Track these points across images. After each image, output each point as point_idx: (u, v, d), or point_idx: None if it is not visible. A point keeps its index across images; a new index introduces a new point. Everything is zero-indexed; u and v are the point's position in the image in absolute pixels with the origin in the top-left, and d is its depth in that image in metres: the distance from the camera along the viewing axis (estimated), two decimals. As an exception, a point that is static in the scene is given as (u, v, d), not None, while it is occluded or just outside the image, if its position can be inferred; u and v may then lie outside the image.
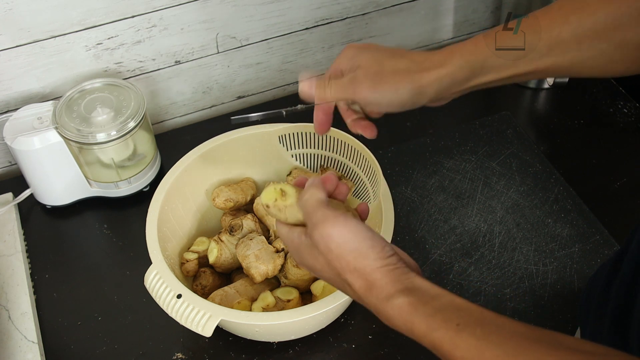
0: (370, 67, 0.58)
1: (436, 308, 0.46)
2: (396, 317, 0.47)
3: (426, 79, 0.57)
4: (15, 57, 0.88)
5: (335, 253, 0.50)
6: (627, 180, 0.93)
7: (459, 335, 0.44)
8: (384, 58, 0.58)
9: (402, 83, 0.57)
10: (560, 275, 0.82)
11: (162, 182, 0.77)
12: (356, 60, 0.60)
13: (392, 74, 0.57)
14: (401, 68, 0.57)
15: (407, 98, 0.57)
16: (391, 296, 0.48)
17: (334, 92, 0.61)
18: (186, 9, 0.93)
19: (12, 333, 0.77)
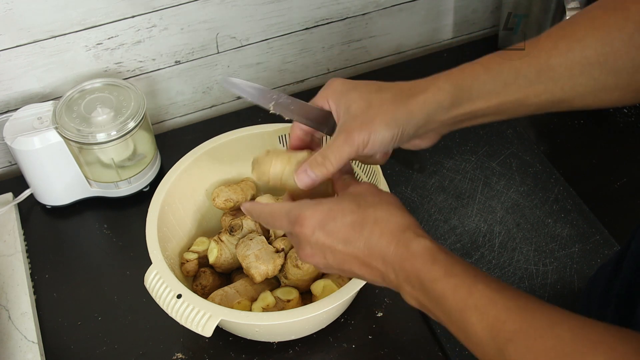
0: (358, 112, 0.56)
1: (455, 259, 0.49)
2: (417, 255, 0.49)
3: (413, 104, 0.55)
4: (15, 57, 0.88)
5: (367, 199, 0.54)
6: (627, 180, 0.93)
7: (475, 284, 0.45)
8: (371, 94, 0.57)
9: (390, 114, 0.55)
10: (560, 276, 0.82)
11: (162, 182, 0.77)
12: (344, 100, 0.58)
13: (379, 108, 0.56)
14: (388, 98, 0.56)
15: (396, 130, 0.56)
16: (418, 236, 0.50)
17: (336, 158, 0.57)
18: (186, 9, 0.93)
19: (12, 333, 0.77)
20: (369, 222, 0.52)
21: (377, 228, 0.51)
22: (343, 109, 0.57)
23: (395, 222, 0.51)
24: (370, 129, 0.55)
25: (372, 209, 0.52)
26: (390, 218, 0.52)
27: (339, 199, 0.55)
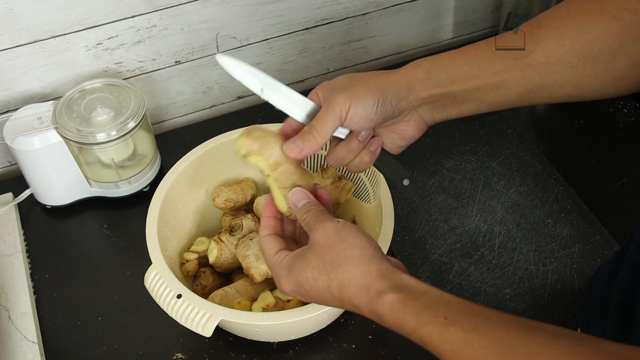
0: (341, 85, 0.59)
1: (425, 304, 0.47)
2: (386, 314, 0.49)
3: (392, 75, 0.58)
4: (15, 57, 0.88)
5: (330, 243, 0.53)
6: (627, 180, 0.93)
7: (447, 328, 0.45)
8: (354, 75, 0.60)
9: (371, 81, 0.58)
10: (560, 275, 0.82)
11: (162, 182, 0.77)
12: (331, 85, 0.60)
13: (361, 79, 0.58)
14: (369, 75, 0.59)
15: (378, 95, 0.57)
16: (381, 293, 0.49)
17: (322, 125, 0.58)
18: (186, 9, 0.93)
19: (12, 333, 0.77)
20: (334, 288, 0.52)
21: (344, 293, 0.52)
22: (329, 90, 0.59)
23: (357, 284, 0.51)
24: (351, 95, 0.57)
25: (332, 273, 0.52)
26: (351, 281, 0.51)
27: (302, 264, 0.54)
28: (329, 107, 0.57)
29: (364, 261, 0.51)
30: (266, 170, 0.60)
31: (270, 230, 0.60)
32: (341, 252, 0.52)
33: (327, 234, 0.54)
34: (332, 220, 0.55)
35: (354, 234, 0.53)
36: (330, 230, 0.54)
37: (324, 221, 0.55)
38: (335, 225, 0.54)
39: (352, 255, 0.52)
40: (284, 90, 0.61)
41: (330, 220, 0.55)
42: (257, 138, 0.60)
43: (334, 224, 0.54)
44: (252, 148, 0.59)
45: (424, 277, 0.82)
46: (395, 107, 0.58)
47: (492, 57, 0.56)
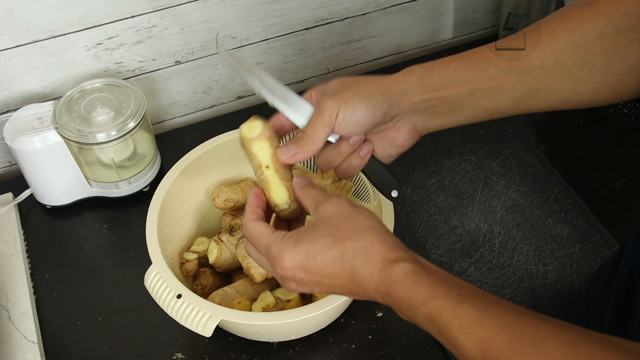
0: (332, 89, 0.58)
1: (438, 279, 0.48)
2: (399, 282, 0.49)
3: (385, 81, 0.58)
4: (15, 57, 0.88)
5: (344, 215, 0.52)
6: (627, 180, 0.93)
7: (459, 305, 0.45)
8: (347, 80, 0.59)
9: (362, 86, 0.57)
10: (560, 275, 0.82)
11: (162, 182, 0.77)
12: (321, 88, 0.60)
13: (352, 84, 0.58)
14: (361, 79, 0.58)
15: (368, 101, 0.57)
16: (395, 261, 0.49)
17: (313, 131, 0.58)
18: (186, 9, 0.93)
19: (12, 333, 0.77)
20: (348, 256, 0.51)
21: (357, 261, 0.51)
22: (321, 93, 0.59)
23: (375, 251, 0.51)
24: (339, 99, 0.56)
25: (349, 241, 0.51)
26: (368, 248, 0.51)
27: (313, 233, 0.53)
28: (319, 113, 0.57)
29: (380, 231, 0.52)
30: (267, 161, 0.59)
31: (259, 216, 0.59)
32: (359, 221, 0.52)
33: (342, 207, 0.53)
34: (339, 197, 0.55)
35: (367, 211, 0.54)
36: (344, 203, 0.54)
37: (330, 197, 0.55)
38: (348, 201, 0.54)
39: (369, 225, 0.52)
40: (279, 89, 0.61)
41: (337, 196, 0.55)
42: (268, 127, 0.60)
43: (345, 200, 0.54)
44: (264, 132, 0.59)
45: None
46: (386, 112, 0.57)
47: (487, 61, 0.56)
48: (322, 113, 0.57)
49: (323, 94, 0.58)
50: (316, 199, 0.56)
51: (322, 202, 0.55)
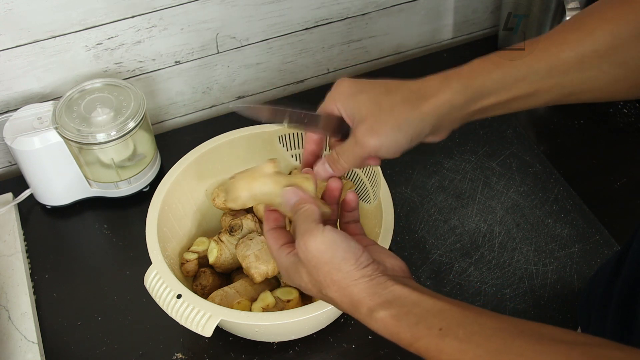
0: (368, 114, 0.56)
1: (418, 316, 0.47)
2: (381, 330, 0.49)
3: (426, 107, 0.55)
4: (15, 57, 0.88)
5: (313, 264, 0.51)
6: (627, 180, 0.93)
7: (443, 340, 0.45)
8: (380, 96, 0.57)
9: (402, 118, 0.55)
10: (560, 275, 0.82)
11: (162, 182, 0.77)
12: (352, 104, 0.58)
13: (390, 112, 0.56)
14: (398, 101, 0.56)
15: (410, 132, 0.56)
16: (373, 310, 0.49)
17: (348, 160, 0.59)
18: (186, 9, 0.93)
19: (12, 333, 0.77)
20: (329, 301, 0.53)
21: (339, 306, 0.52)
22: (352, 112, 0.57)
23: (348, 303, 0.51)
24: (381, 134, 0.55)
25: (324, 290, 0.52)
26: (342, 299, 0.51)
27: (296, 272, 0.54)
28: (357, 144, 0.56)
29: (350, 284, 0.50)
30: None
31: (272, 224, 0.59)
32: (327, 274, 0.51)
33: (310, 253, 0.51)
34: (313, 235, 0.51)
35: (340, 255, 0.51)
36: (312, 249, 0.51)
37: (304, 235, 0.52)
38: (316, 244, 0.51)
39: (338, 279, 0.50)
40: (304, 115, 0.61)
41: (310, 235, 0.51)
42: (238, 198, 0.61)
43: (315, 242, 0.51)
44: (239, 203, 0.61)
45: (424, 277, 0.82)
46: (427, 134, 0.57)
47: (527, 68, 0.55)
48: (362, 144, 0.56)
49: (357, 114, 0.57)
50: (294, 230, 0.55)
51: (296, 238, 0.53)
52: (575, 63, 0.54)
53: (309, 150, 0.63)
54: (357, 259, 0.51)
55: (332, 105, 0.59)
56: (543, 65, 0.54)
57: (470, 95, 0.55)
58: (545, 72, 0.54)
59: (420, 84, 0.57)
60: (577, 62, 0.54)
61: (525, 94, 0.56)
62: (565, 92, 0.56)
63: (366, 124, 0.56)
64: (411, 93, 0.56)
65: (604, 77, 0.54)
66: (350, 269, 0.50)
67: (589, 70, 0.54)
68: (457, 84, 0.55)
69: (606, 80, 0.54)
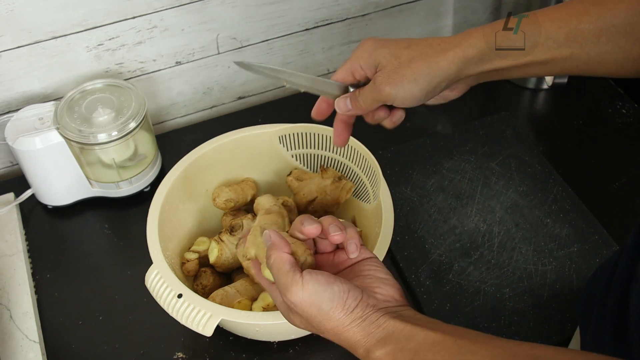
0: (387, 64, 0.58)
1: (413, 351, 0.47)
2: None
3: (442, 60, 0.57)
4: (16, 58, 0.88)
5: (304, 316, 0.51)
6: (626, 180, 0.93)
7: None
8: (400, 50, 0.58)
9: (419, 70, 0.57)
10: (559, 275, 0.82)
11: (162, 182, 0.78)
12: (374, 57, 0.59)
13: (408, 64, 0.57)
14: (417, 55, 0.57)
15: (426, 85, 0.57)
16: (369, 351, 0.49)
17: (365, 102, 0.60)
18: (187, 10, 0.93)
19: (13, 332, 0.77)
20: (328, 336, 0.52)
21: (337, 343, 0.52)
22: (373, 64, 0.59)
23: (346, 346, 0.51)
24: (398, 84, 0.57)
25: (320, 331, 0.52)
26: (340, 342, 0.51)
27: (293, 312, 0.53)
28: (375, 90, 0.58)
29: (343, 330, 0.50)
30: None
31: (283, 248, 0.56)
32: (320, 324, 0.51)
33: (298, 307, 0.51)
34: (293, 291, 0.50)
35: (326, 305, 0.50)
36: (298, 304, 0.51)
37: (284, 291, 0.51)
38: (301, 299, 0.50)
39: (331, 327, 0.50)
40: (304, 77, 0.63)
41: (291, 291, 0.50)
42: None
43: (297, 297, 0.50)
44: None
45: (424, 277, 0.82)
46: (443, 88, 0.59)
47: (546, 34, 0.55)
48: (379, 91, 0.58)
49: (377, 66, 0.59)
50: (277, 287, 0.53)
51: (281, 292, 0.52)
52: (593, 36, 0.54)
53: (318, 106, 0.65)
54: (344, 303, 0.50)
55: (355, 64, 0.61)
56: (562, 33, 0.55)
57: (488, 52, 0.57)
58: (562, 40, 0.55)
59: (441, 39, 0.58)
60: (595, 35, 0.54)
61: (541, 60, 0.56)
62: (579, 63, 0.56)
63: (385, 72, 0.58)
64: (430, 47, 0.57)
65: (619, 53, 0.55)
66: (340, 316, 0.50)
67: (605, 45, 0.54)
68: (476, 40, 0.57)
69: (622, 57, 0.55)
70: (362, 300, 0.51)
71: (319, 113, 0.66)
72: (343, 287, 0.51)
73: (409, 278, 0.82)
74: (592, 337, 0.61)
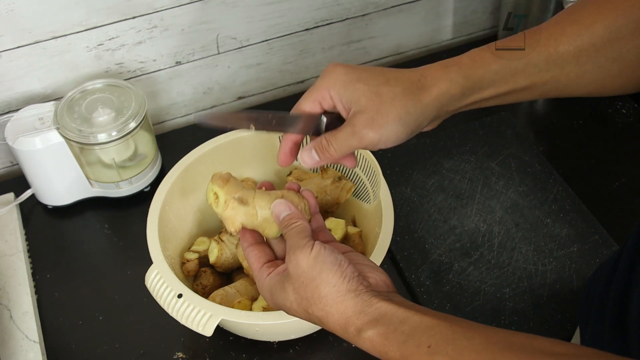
0: (368, 104, 0.54)
1: (406, 333, 0.46)
2: (370, 350, 0.48)
3: (427, 99, 0.55)
4: (16, 57, 0.88)
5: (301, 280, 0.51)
6: (626, 180, 0.93)
7: (432, 357, 0.44)
8: (380, 86, 0.55)
9: (404, 109, 0.54)
10: (559, 275, 0.82)
11: (162, 182, 0.78)
12: (350, 93, 0.55)
13: (392, 103, 0.54)
14: (399, 93, 0.54)
15: (411, 124, 0.55)
16: (360, 330, 0.48)
17: (340, 149, 0.56)
18: (187, 10, 0.93)
19: (13, 332, 0.77)
20: (315, 320, 0.51)
21: (325, 326, 0.51)
22: (350, 101, 0.55)
23: (335, 322, 0.50)
24: (383, 126, 0.54)
25: (310, 309, 0.51)
26: (329, 318, 0.50)
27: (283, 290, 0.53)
28: (354, 135, 0.55)
29: (337, 300, 0.49)
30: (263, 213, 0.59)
31: (251, 239, 0.58)
32: (315, 290, 0.50)
33: (300, 268, 0.51)
34: (305, 249, 0.51)
35: (328, 267, 0.50)
36: (302, 263, 0.51)
37: (296, 250, 0.51)
38: (307, 259, 0.51)
39: (325, 293, 0.50)
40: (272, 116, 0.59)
41: (302, 250, 0.51)
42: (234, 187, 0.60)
43: (306, 257, 0.51)
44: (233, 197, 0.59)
45: (424, 277, 0.82)
46: (425, 126, 0.57)
47: (526, 61, 0.54)
48: (360, 136, 0.54)
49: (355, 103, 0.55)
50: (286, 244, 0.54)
51: (287, 253, 0.53)
52: (573, 57, 0.54)
53: (286, 150, 0.61)
54: (343, 270, 0.50)
55: (325, 92, 0.57)
56: (542, 58, 0.54)
57: (470, 87, 0.55)
58: (543, 65, 0.54)
59: (420, 75, 0.56)
60: (575, 55, 0.54)
61: (523, 87, 0.56)
62: (559, 85, 0.55)
63: (366, 115, 0.54)
64: (411, 84, 0.55)
65: (599, 71, 0.54)
66: (337, 281, 0.49)
67: (585, 64, 0.54)
68: (456, 75, 0.55)
69: (602, 75, 0.54)
70: (359, 276, 0.51)
71: (285, 158, 0.61)
72: (344, 258, 0.51)
73: (409, 278, 0.82)
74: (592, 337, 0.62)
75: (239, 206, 0.58)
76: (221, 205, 0.59)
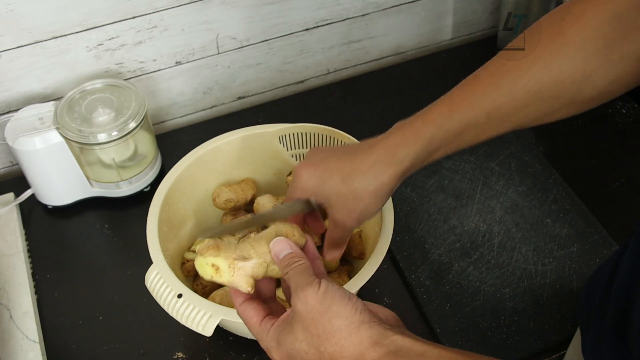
0: (345, 202, 0.61)
1: None
2: None
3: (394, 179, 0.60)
4: (16, 57, 0.88)
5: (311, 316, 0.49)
6: (626, 180, 0.93)
7: None
8: (346, 182, 0.61)
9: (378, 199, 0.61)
10: (559, 275, 0.82)
11: (162, 182, 0.78)
12: (322, 197, 0.63)
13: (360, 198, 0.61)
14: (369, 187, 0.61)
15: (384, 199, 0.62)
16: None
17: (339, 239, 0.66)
18: (187, 10, 0.93)
19: (13, 332, 0.77)
20: (328, 357, 0.49)
21: None
22: (323, 200, 0.63)
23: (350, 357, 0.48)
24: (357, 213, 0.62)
25: (323, 346, 0.48)
26: (343, 353, 0.48)
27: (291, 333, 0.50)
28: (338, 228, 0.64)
29: (352, 331, 0.47)
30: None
31: (243, 296, 0.56)
32: (327, 324, 0.48)
33: (309, 304, 0.49)
34: (312, 286, 0.49)
35: (338, 301, 0.48)
36: (311, 300, 0.49)
37: (304, 287, 0.49)
38: (316, 294, 0.49)
39: (338, 326, 0.48)
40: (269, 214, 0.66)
41: (310, 286, 0.49)
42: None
43: (314, 292, 0.49)
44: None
45: (424, 277, 0.82)
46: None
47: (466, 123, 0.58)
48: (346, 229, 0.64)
49: (333, 203, 0.62)
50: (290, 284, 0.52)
51: (293, 292, 0.51)
52: (510, 108, 0.58)
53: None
54: (354, 303, 0.49)
55: (303, 194, 0.64)
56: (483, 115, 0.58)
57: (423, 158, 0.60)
58: (484, 121, 0.59)
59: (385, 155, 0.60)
60: (512, 106, 0.57)
61: (469, 143, 0.61)
62: (504, 130, 0.61)
63: (343, 211, 0.62)
64: (379, 171, 0.60)
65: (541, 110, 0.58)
66: (349, 312, 0.48)
67: (523, 109, 0.58)
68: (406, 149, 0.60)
69: (544, 113, 0.58)
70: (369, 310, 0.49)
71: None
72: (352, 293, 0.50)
73: (409, 278, 0.82)
74: (592, 337, 0.61)
75: (244, 264, 0.54)
76: (226, 273, 0.54)
